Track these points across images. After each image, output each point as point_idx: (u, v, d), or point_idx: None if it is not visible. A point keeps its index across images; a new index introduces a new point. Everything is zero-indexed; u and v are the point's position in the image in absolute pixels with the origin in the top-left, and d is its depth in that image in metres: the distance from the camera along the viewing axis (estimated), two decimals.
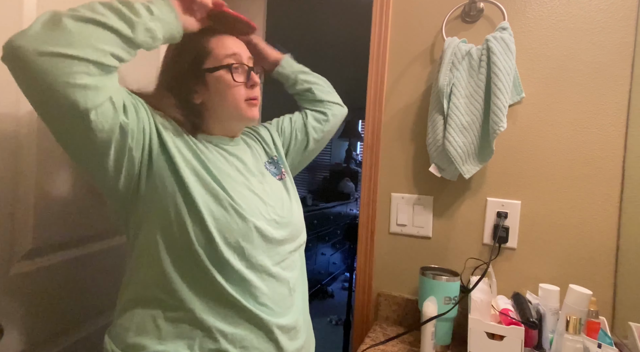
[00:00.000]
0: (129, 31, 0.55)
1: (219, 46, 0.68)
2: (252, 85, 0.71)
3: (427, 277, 0.94)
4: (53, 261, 0.83)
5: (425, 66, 1.09)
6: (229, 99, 0.69)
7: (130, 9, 0.55)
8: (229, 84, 0.68)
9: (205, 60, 0.68)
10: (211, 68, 0.67)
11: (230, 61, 0.68)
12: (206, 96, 0.69)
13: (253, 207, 0.67)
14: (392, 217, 1.14)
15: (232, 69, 0.68)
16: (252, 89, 0.71)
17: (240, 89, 0.69)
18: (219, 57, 0.68)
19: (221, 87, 0.68)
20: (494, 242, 1.01)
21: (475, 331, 0.82)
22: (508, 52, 0.90)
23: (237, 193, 0.66)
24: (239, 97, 0.69)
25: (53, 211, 0.81)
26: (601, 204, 0.93)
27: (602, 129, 0.93)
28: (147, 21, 0.57)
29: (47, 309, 0.82)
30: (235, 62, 0.68)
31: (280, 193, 0.77)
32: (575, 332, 0.72)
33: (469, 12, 1.03)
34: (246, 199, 0.67)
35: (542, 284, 0.90)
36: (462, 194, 1.06)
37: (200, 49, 0.68)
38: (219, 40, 0.69)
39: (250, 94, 0.70)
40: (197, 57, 0.68)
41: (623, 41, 0.91)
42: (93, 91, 0.51)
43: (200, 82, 0.68)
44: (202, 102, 0.70)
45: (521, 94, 0.98)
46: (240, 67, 0.69)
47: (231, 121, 0.73)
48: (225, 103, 0.69)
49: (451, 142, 0.94)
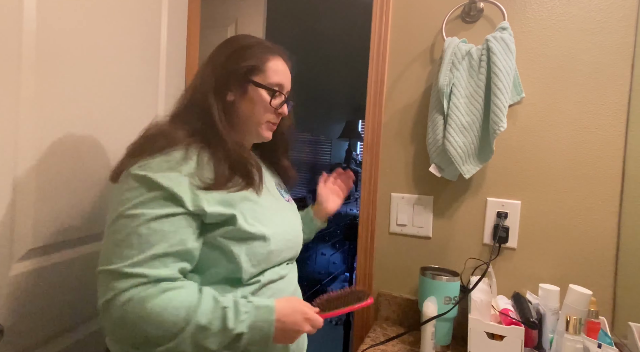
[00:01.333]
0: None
1: (273, 70, 0.74)
2: (280, 114, 0.78)
3: (427, 277, 0.94)
4: (53, 261, 0.83)
5: (425, 66, 1.09)
6: (256, 113, 0.74)
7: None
8: (265, 103, 0.74)
9: (257, 74, 0.73)
10: (258, 83, 0.73)
11: (275, 88, 0.75)
12: (238, 100, 0.74)
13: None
14: (392, 217, 1.14)
15: (275, 95, 0.75)
16: (277, 116, 0.78)
17: (269, 113, 0.76)
18: (268, 79, 0.74)
19: (255, 101, 0.74)
20: (494, 242, 1.01)
21: (475, 331, 0.82)
22: (508, 52, 0.90)
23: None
24: (264, 117, 0.75)
25: (53, 210, 0.81)
26: (601, 204, 0.93)
27: (602, 129, 0.93)
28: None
29: (47, 309, 0.82)
30: (279, 91, 0.76)
31: (291, 214, 0.82)
32: (575, 332, 0.72)
33: (469, 12, 1.03)
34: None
35: (542, 284, 0.90)
36: (462, 194, 1.06)
37: (259, 63, 0.73)
38: (275, 65, 0.75)
39: (273, 119, 0.77)
40: (252, 68, 0.73)
41: (623, 41, 0.91)
42: None
43: (241, 86, 0.73)
44: (232, 101, 0.74)
45: (521, 94, 0.98)
46: (279, 96, 0.76)
47: (246, 134, 0.77)
48: (251, 115, 0.74)
49: (451, 142, 0.94)
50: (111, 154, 0.96)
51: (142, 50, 1.05)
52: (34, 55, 0.75)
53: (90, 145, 0.90)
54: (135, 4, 1.01)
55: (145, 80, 1.08)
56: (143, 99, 1.07)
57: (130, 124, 1.02)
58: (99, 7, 0.89)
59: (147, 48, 1.07)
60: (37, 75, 0.76)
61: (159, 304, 0.57)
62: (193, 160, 0.65)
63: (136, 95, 1.04)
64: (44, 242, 0.80)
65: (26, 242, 0.76)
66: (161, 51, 1.14)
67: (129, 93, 1.01)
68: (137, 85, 1.04)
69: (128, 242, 0.59)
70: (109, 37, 0.93)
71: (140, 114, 1.06)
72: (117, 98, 0.97)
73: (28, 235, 0.76)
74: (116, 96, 0.97)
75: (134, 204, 0.60)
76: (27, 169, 0.75)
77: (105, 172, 0.94)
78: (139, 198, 0.60)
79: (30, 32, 0.74)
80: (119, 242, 0.59)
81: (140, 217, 0.59)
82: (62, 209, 0.83)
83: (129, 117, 1.01)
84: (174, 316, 0.57)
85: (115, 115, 0.96)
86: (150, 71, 1.09)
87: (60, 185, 0.83)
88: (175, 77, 1.21)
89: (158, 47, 1.12)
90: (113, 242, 0.60)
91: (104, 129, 0.94)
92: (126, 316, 0.57)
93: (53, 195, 0.81)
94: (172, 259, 0.61)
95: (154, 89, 1.12)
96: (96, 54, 0.89)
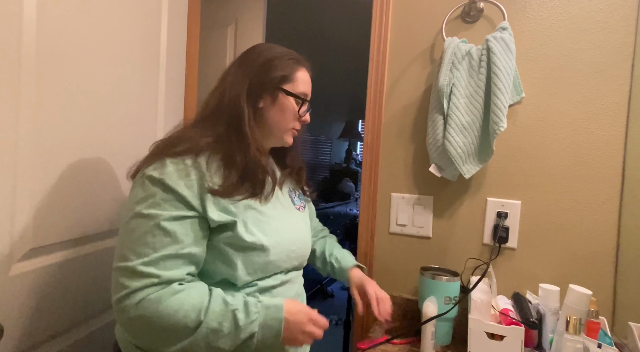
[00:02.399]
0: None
1: (301, 80, 0.79)
2: (303, 122, 0.82)
3: (427, 277, 0.94)
4: (53, 261, 0.83)
5: (425, 66, 1.09)
6: (283, 120, 0.78)
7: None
8: (293, 111, 0.78)
9: (287, 83, 0.77)
10: (289, 92, 0.77)
11: (303, 97, 0.79)
12: (268, 107, 0.76)
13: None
14: (392, 217, 1.14)
15: (303, 103, 0.79)
16: (301, 124, 0.82)
17: (295, 120, 0.79)
18: (297, 88, 0.78)
19: (285, 109, 0.77)
20: (494, 242, 1.01)
21: (475, 331, 0.82)
22: (508, 52, 0.90)
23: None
24: (290, 124, 0.79)
25: (53, 211, 0.81)
26: (601, 204, 0.93)
27: (602, 129, 0.93)
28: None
29: (47, 309, 0.82)
30: (305, 100, 0.80)
31: (299, 224, 0.82)
32: (575, 332, 0.72)
33: (469, 12, 1.03)
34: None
35: (542, 284, 0.90)
36: (462, 194, 1.06)
37: (289, 74, 0.77)
38: (304, 75, 0.80)
39: (297, 125, 0.81)
40: (284, 77, 0.76)
41: (623, 41, 0.91)
42: None
43: (272, 94, 0.76)
44: (262, 108, 0.76)
45: (521, 94, 0.98)
46: (305, 105, 0.80)
47: (270, 139, 0.80)
48: (279, 121, 0.77)
49: (451, 142, 0.94)
50: (111, 154, 0.96)
51: (142, 50, 1.05)
52: (34, 55, 0.75)
53: (90, 145, 0.90)
54: (135, 4, 1.01)
55: (145, 80, 1.08)
56: (143, 98, 1.07)
57: (131, 124, 1.02)
58: (98, 7, 0.89)
59: (147, 48, 1.07)
60: (37, 76, 0.76)
61: (171, 306, 0.59)
62: (203, 166, 0.67)
63: (136, 95, 1.04)
64: (44, 242, 0.80)
65: (26, 242, 0.76)
66: (161, 51, 1.14)
67: (129, 93, 1.01)
68: (137, 85, 1.04)
69: (143, 240, 0.61)
70: (108, 37, 0.93)
71: (140, 113, 1.06)
72: (117, 98, 0.97)
73: (28, 235, 0.76)
74: (116, 96, 0.97)
75: (149, 204, 0.62)
76: (27, 169, 0.75)
77: (105, 172, 0.94)
78: (154, 199, 0.62)
79: (30, 32, 0.74)
80: (135, 239, 0.61)
81: (155, 218, 0.61)
82: (62, 209, 0.83)
83: (129, 117, 1.01)
84: (185, 318, 0.59)
85: (115, 115, 0.96)
86: (150, 71, 1.09)
87: (61, 185, 0.83)
88: (175, 77, 1.21)
89: (158, 47, 1.12)
90: (129, 239, 0.62)
91: (104, 129, 0.93)
92: (140, 315, 0.59)
93: (53, 195, 0.81)
94: (182, 261, 0.63)
95: (154, 89, 1.12)
96: (96, 54, 0.89)
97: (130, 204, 0.64)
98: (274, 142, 0.81)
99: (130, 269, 0.60)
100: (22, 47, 0.73)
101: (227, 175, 0.68)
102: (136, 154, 0.73)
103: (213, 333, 0.60)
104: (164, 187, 0.63)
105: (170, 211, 0.62)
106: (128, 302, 0.59)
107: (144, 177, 0.64)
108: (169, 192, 0.63)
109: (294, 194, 0.88)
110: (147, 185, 0.63)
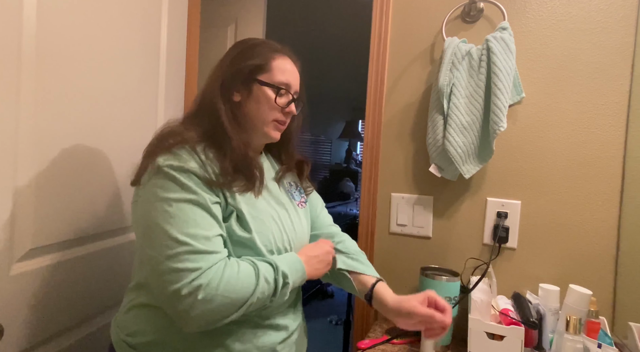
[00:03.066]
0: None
1: (279, 69, 0.74)
2: (287, 113, 0.76)
3: (427, 277, 0.94)
4: (53, 261, 0.83)
5: (425, 66, 1.09)
6: (262, 112, 0.74)
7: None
8: (270, 102, 0.73)
9: (262, 73, 0.73)
10: (262, 81, 0.73)
11: (281, 86, 0.74)
12: (245, 100, 0.74)
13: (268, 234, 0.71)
14: (392, 217, 1.14)
15: (280, 93, 0.74)
16: (285, 116, 0.76)
17: (275, 111, 0.74)
18: (275, 79, 0.73)
19: (261, 100, 0.73)
20: (494, 242, 1.01)
21: (475, 331, 0.82)
22: (508, 52, 0.90)
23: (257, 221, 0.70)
24: (271, 116, 0.74)
25: (53, 210, 0.81)
26: (601, 204, 0.93)
27: (602, 129, 0.93)
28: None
29: (47, 309, 0.82)
30: (285, 90, 0.75)
31: (296, 221, 0.79)
32: (575, 332, 0.72)
33: (469, 12, 1.03)
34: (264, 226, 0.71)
35: (542, 284, 0.90)
36: (462, 194, 1.06)
37: (264, 63, 0.73)
38: (282, 64, 0.75)
39: (280, 117, 0.75)
40: (257, 67, 0.73)
41: (623, 41, 0.91)
42: None
43: (246, 86, 0.73)
44: (239, 102, 0.74)
45: (521, 94, 0.98)
46: (286, 95, 0.75)
47: (254, 134, 0.76)
48: (257, 114, 0.74)
49: (451, 142, 0.94)
50: (111, 154, 0.96)
51: (142, 50, 1.05)
52: (34, 55, 0.75)
53: (90, 145, 0.90)
54: (135, 4, 1.01)
55: (145, 80, 1.08)
56: (143, 98, 1.07)
57: (131, 124, 1.02)
58: (98, 7, 0.89)
59: (147, 48, 1.07)
60: (37, 76, 0.76)
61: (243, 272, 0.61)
62: (201, 156, 0.65)
63: (136, 95, 1.04)
64: (44, 242, 0.80)
65: (26, 242, 0.76)
66: (161, 51, 1.14)
67: (129, 93, 1.01)
68: (137, 85, 1.04)
69: (193, 222, 0.60)
70: (108, 38, 0.93)
71: (141, 113, 1.06)
72: (117, 98, 0.97)
73: (28, 235, 0.76)
74: (116, 96, 0.97)
75: (181, 189, 0.61)
76: (27, 169, 0.75)
77: (105, 172, 0.94)
78: (184, 183, 0.61)
79: (30, 32, 0.74)
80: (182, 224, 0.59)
81: (196, 202, 0.61)
82: (62, 209, 0.83)
83: (129, 117, 1.01)
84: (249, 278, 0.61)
85: (115, 115, 0.96)
86: (150, 71, 1.09)
87: (61, 185, 0.83)
88: (175, 77, 1.21)
89: (158, 47, 1.12)
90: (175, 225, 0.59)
91: (104, 129, 0.93)
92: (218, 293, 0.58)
93: (53, 195, 0.81)
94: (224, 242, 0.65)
95: (154, 89, 1.12)
96: (96, 55, 0.89)
97: (155, 195, 0.61)
98: (258, 136, 0.77)
99: (190, 251, 0.58)
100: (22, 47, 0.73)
101: (222, 166, 0.67)
102: (136, 155, 0.73)
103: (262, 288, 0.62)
104: (187, 171, 0.62)
105: (203, 193, 0.62)
106: (199, 282, 0.57)
107: (158, 170, 0.62)
108: (192, 176, 0.62)
109: (294, 190, 0.85)
110: (168, 172, 0.62)
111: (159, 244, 0.59)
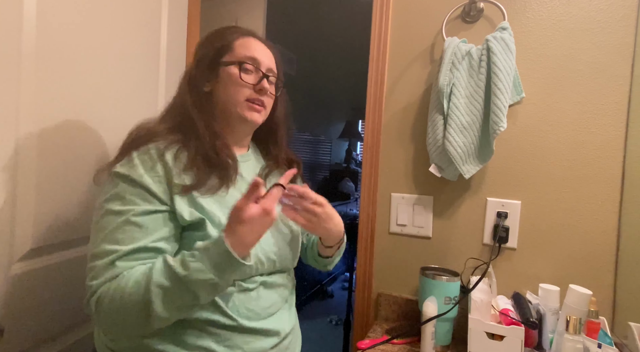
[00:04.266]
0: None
1: (242, 46, 0.72)
2: (260, 90, 0.72)
3: (427, 277, 0.94)
4: (53, 261, 0.83)
5: (425, 66, 1.09)
6: (231, 93, 0.71)
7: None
8: (236, 80, 0.70)
9: (225, 55, 0.71)
10: (225, 61, 0.71)
11: (246, 60, 0.71)
12: (215, 86, 0.72)
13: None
14: (392, 217, 1.14)
15: (242, 68, 0.70)
16: (259, 94, 0.72)
17: (244, 89, 0.71)
18: (238, 55, 0.71)
19: (229, 82, 0.71)
20: (494, 242, 1.01)
21: (475, 331, 0.82)
22: (508, 52, 0.90)
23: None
24: (241, 95, 0.71)
25: (53, 210, 0.81)
26: (601, 204, 0.93)
27: (602, 129, 0.93)
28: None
29: (47, 309, 0.82)
30: (250, 63, 0.71)
31: (280, 223, 0.75)
32: (575, 332, 0.72)
33: (469, 12, 1.03)
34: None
35: (542, 284, 0.90)
36: (462, 194, 1.06)
37: (225, 44, 0.72)
38: (246, 42, 0.72)
39: (251, 95, 0.71)
40: (219, 50, 0.71)
41: (623, 41, 0.91)
42: None
43: (213, 72, 0.71)
44: (210, 90, 0.72)
45: (521, 94, 0.98)
46: (255, 72, 0.72)
47: (230, 121, 0.74)
48: (227, 97, 0.71)
49: (451, 142, 0.94)
50: (111, 154, 0.96)
51: (142, 50, 1.05)
52: (34, 54, 0.75)
53: (90, 145, 0.90)
54: (135, 4, 1.01)
55: (145, 80, 1.08)
56: (143, 98, 1.07)
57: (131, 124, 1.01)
58: (98, 7, 0.89)
59: (147, 48, 1.07)
60: (37, 75, 0.76)
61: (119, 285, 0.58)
62: (169, 160, 0.64)
63: (136, 95, 1.04)
64: (44, 242, 0.80)
65: (26, 242, 0.76)
66: (161, 51, 1.14)
67: (129, 93, 1.01)
68: (137, 85, 1.04)
69: (113, 237, 0.60)
70: (109, 38, 0.93)
71: (141, 114, 1.06)
72: (117, 98, 0.97)
73: (28, 235, 0.76)
74: (116, 96, 0.97)
75: (120, 201, 0.61)
76: (27, 168, 0.75)
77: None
78: (124, 195, 0.61)
79: (30, 32, 0.74)
80: (105, 237, 0.60)
81: (126, 213, 0.60)
82: (62, 209, 0.83)
83: (129, 117, 1.01)
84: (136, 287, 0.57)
85: (115, 115, 0.96)
86: (150, 71, 1.09)
87: (61, 185, 0.83)
88: (175, 77, 1.20)
89: (158, 47, 1.12)
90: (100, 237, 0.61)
91: (105, 129, 0.94)
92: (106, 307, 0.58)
93: (53, 195, 0.81)
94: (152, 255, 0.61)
95: (154, 89, 1.12)
96: (96, 54, 0.89)
97: (100, 202, 0.63)
98: (235, 122, 0.73)
99: (96, 266, 0.59)
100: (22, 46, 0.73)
101: (193, 168, 0.65)
102: None
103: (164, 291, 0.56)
104: (132, 182, 0.61)
105: (141, 205, 0.61)
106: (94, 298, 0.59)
107: (112, 175, 0.63)
108: (137, 186, 0.61)
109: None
110: (116, 181, 0.62)
111: (89, 248, 0.63)
